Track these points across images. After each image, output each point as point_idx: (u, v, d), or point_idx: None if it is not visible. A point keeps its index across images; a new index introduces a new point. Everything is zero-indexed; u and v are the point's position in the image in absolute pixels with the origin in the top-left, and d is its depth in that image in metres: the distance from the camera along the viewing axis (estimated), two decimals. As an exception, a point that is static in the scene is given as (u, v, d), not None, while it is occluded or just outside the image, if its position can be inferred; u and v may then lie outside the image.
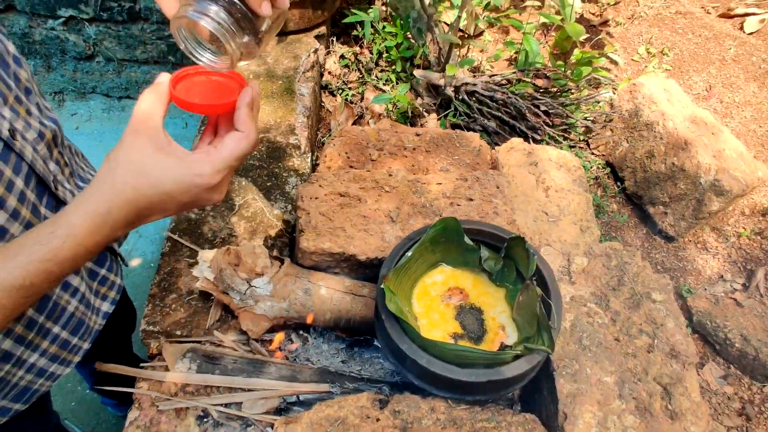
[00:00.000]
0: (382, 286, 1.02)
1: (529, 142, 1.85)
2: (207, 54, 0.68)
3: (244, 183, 1.58)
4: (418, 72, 2.03)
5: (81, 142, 1.63)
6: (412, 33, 2.21)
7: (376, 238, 1.27)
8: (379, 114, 2.19)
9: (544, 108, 1.99)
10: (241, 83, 0.71)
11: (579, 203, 1.70)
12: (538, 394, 1.20)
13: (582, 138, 2.23)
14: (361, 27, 2.28)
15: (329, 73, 2.24)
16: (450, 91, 2.04)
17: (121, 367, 1.24)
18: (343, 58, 2.28)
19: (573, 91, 2.21)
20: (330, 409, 1.06)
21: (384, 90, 2.22)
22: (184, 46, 0.67)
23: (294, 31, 2.04)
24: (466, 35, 2.35)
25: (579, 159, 1.81)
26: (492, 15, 2.53)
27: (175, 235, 1.45)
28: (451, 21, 2.21)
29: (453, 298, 1.18)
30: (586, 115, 2.16)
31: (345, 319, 1.26)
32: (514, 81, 2.11)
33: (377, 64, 2.32)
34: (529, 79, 2.10)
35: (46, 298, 0.85)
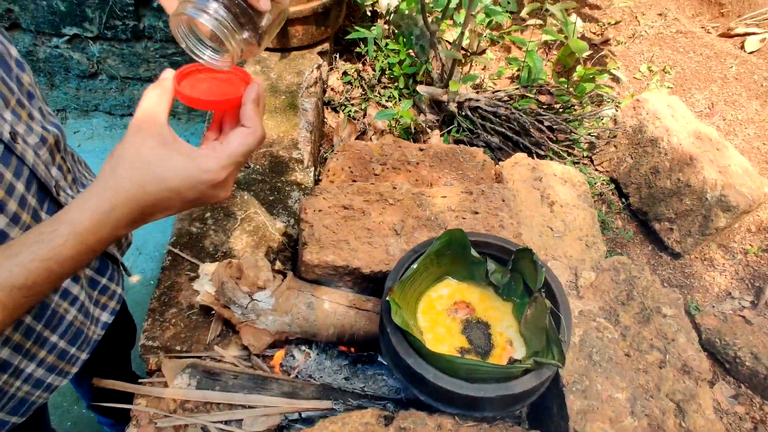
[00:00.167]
0: (388, 299, 1.00)
1: (533, 158, 1.84)
2: (208, 51, 0.67)
3: (246, 197, 1.56)
4: (421, 88, 2.03)
5: (83, 159, 1.62)
6: (415, 50, 2.22)
7: (380, 251, 1.25)
8: (382, 130, 2.19)
9: (547, 123, 1.98)
10: (246, 79, 0.70)
11: (584, 218, 1.68)
12: (547, 411, 1.16)
13: (585, 154, 2.22)
14: (364, 44, 2.29)
15: (332, 89, 2.24)
16: (453, 106, 2.04)
17: (119, 383, 1.21)
18: (345, 74, 2.29)
19: (576, 107, 2.21)
20: (334, 426, 1.03)
21: (387, 106, 2.22)
22: (185, 45, 0.67)
23: (297, 47, 2.05)
24: (469, 53, 2.36)
25: (583, 174, 1.80)
26: (494, 33, 2.54)
27: (176, 249, 1.43)
28: (454, 39, 2.22)
29: (459, 312, 1.16)
30: (590, 131, 2.16)
31: (349, 334, 1.23)
32: (518, 97, 2.11)
33: (380, 80, 2.32)
34: (532, 95, 2.10)
35: (45, 306, 0.83)
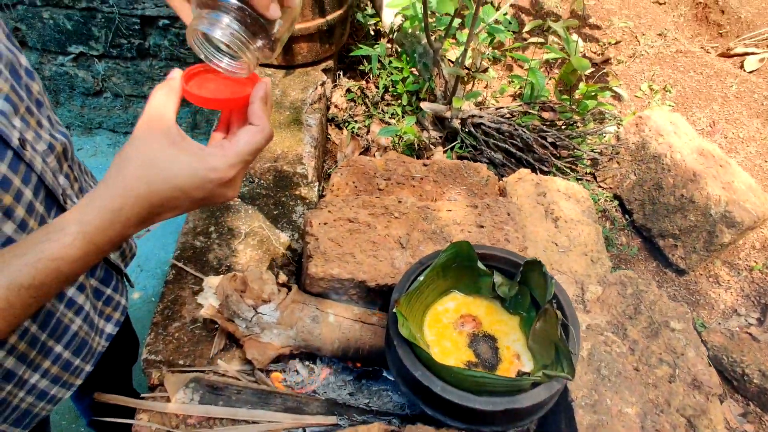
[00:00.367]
0: (394, 311, 0.99)
1: (537, 174, 1.85)
2: (225, 59, 0.68)
3: (251, 211, 1.56)
4: (425, 104, 2.04)
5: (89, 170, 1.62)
6: (418, 68, 2.23)
7: (385, 264, 1.24)
8: (385, 147, 2.19)
9: (551, 140, 1.99)
10: (253, 79, 0.70)
11: (589, 234, 1.67)
12: (555, 427, 1.14)
13: (588, 171, 2.23)
14: (368, 62, 2.31)
15: (335, 106, 2.25)
16: (456, 123, 2.04)
17: (121, 398, 1.19)
18: (349, 91, 2.30)
19: (578, 124, 2.22)
20: (339, 441, 1.01)
21: (390, 123, 2.23)
22: (203, 55, 0.68)
23: (302, 64, 2.07)
24: (471, 71, 2.38)
25: (587, 190, 1.80)
26: (496, 51, 2.57)
27: (180, 263, 1.42)
28: (457, 57, 2.24)
29: (465, 326, 1.15)
30: (593, 147, 2.16)
31: (354, 348, 1.22)
32: (520, 114, 2.13)
33: (383, 98, 2.34)
34: (535, 112, 2.12)
35: (50, 315, 0.82)
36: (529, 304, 1.14)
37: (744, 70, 2.96)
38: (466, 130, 2.03)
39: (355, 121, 2.26)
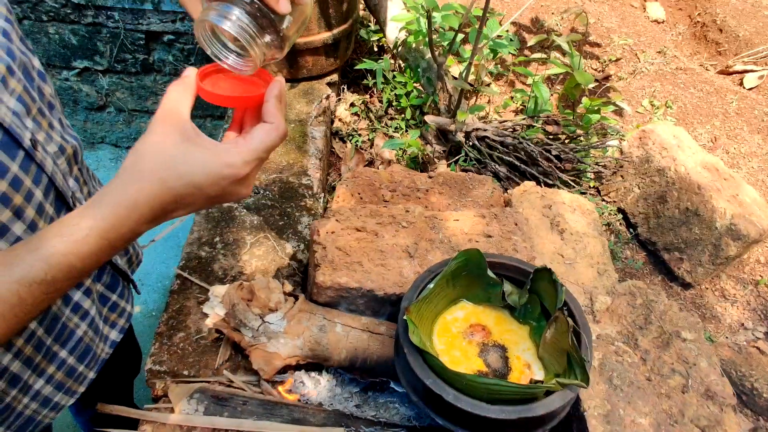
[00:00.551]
0: (405, 318, 0.98)
1: (541, 187, 1.84)
2: (232, 56, 0.67)
3: (256, 222, 1.55)
4: (429, 117, 2.05)
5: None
6: (422, 82, 2.25)
7: (394, 273, 1.23)
8: (389, 160, 2.20)
9: (555, 153, 1.99)
10: (266, 79, 0.70)
11: (595, 246, 1.67)
12: (567, 439, 1.13)
13: (592, 185, 2.23)
14: (371, 76, 2.32)
15: (339, 120, 2.26)
16: (461, 136, 2.05)
17: (124, 408, 1.17)
18: (353, 105, 2.31)
19: (582, 138, 2.22)
20: (348, 451, 0.99)
21: (394, 137, 2.24)
22: (210, 51, 0.67)
23: (307, 78, 2.08)
24: (474, 87, 2.39)
25: (592, 203, 1.80)
26: (499, 66, 2.59)
27: (185, 273, 1.41)
28: (460, 71, 2.25)
29: (475, 336, 1.13)
30: (597, 160, 2.17)
31: (362, 359, 1.20)
32: (524, 127, 2.13)
33: (386, 112, 2.35)
34: (539, 125, 2.12)
35: (56, 319, 0.81)
36: (538, 313, 1.13)
37: (743, 87, 2.99)
38: (470, 143, 2.04)
39: (359, 135, 2.27)
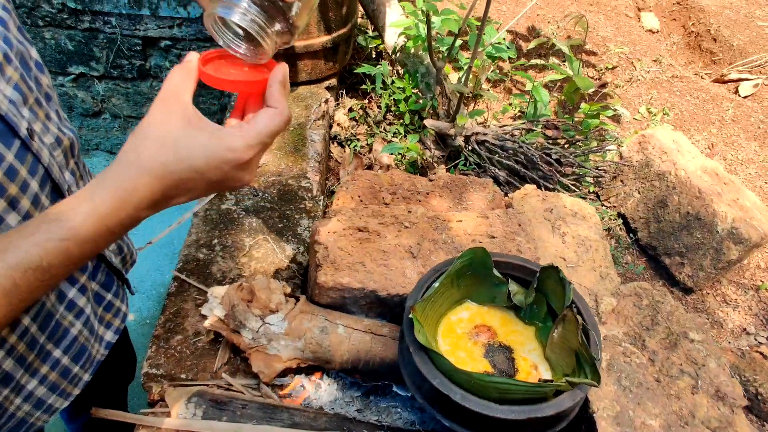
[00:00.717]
0: (410, 316, 0.96)
1: (542, 190, 1.83)
2: (244, 45, 0.67)
3: (255, 224, 1.53)
4: (428, 122, 2.04)
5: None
6: (421, 87, 2.24)
7: (396, 273, 1.21)
8: (388, 165, 2.18)
9: (555, 157, 1.98)
10: (269, 65, 0.69)
11: (597, 250, 1.65)
12: (576, 441, 1.10)
13: (592, 189, 2.22)
14: (370, 82, 2.31)
15: (338, 124, 2.25)
16: (460, 140, 2.04)
17: (119, 413, 1.13)
18: (351, 110, 2.30)
19: (581, 143, 2.22)
20: (352, 454, 0.96)
21: (392, 142, 2.22)
22: (222, 41, 0.67)
23: (306, 82, 2.07)
24: (473, 94, 2.39)
25: (593, 207, 1.79)
26: (497, 72, 2.59)
27: (183, 275, 1.38)
28: (459, 76, 2.25)
29: (480, 336, 1.11)
30: (597, 165, 2.16)
31: (364, 361, 1.17)
32: (524, 132, 2.13)
33: (385, 117, 2.34)
34: (539, 129, 2.12)
35: (50, 316, 0.78)
36: (545, 313, 1.10)
37: (739, 95, 3.01)
38: (470, 147, 2.03)
39: (358, 140, 2.26)
